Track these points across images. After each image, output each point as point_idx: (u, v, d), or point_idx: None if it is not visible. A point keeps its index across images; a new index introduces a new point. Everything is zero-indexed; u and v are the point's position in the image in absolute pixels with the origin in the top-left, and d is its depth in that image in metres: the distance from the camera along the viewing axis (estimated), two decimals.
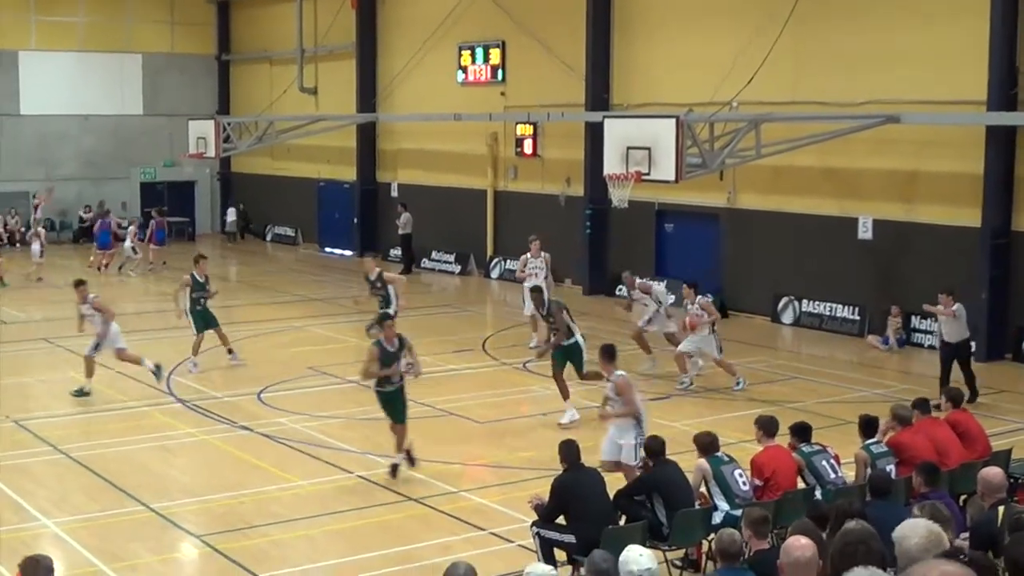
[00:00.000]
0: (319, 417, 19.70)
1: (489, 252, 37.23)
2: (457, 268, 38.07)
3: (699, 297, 22.46)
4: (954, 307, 20.53)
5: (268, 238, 47.72)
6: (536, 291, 22.63)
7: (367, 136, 42.15)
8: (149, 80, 48.53)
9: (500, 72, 36.27)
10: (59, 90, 46.73)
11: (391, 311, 22.39)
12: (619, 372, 15.21)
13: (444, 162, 38.89)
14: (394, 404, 16.53)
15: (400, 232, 38.76)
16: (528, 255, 26.17)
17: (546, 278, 25.50)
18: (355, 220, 42.71)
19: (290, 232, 46.85)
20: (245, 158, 47.01)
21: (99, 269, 37.46)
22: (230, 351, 23.74)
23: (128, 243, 38.12)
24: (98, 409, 20.62)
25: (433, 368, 23.47)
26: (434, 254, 38.94)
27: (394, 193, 41.01)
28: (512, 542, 13.79)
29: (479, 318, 31.03)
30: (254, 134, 40.12)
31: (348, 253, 42.73)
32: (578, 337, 19.93)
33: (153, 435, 18.93)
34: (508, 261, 36.34)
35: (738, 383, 21.74)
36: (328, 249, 44.16)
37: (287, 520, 14.85)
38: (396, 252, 39.89)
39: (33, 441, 18.38)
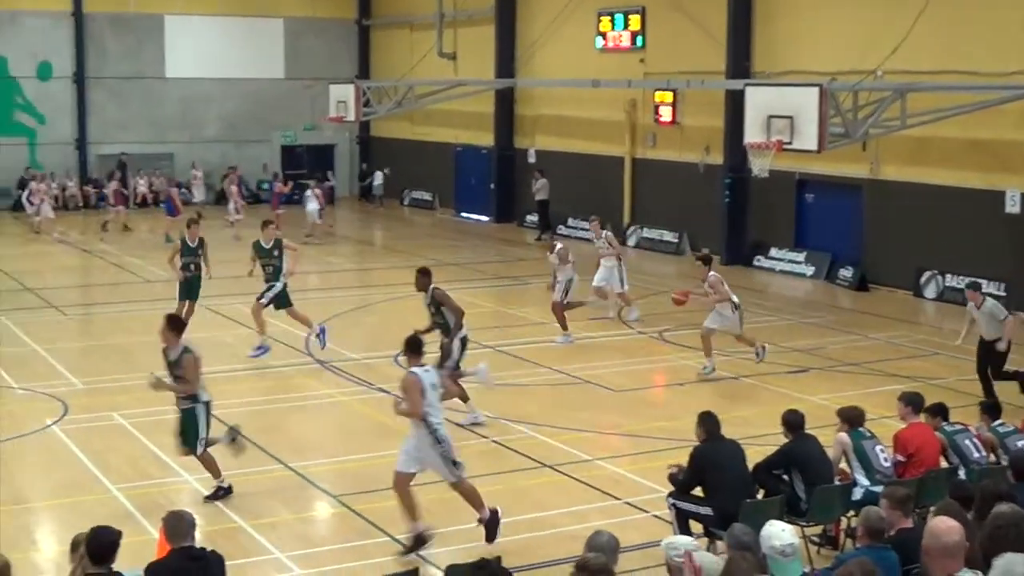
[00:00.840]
0: None
1: (626, 220, 37.03)
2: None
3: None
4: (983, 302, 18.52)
5: (405, 202, 48.03)
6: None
7: (505, 101, 42.16)
8: (290, 44, 49.11)
9: (639, 38, 35.97)
10: (203, 54, 47.53)
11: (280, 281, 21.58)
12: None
13: (581, 128, 38.73)
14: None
15: (536, 198, 38.73)
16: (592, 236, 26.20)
17: (619, 257, 25.33)
18: (492, 185, 42.80)
19: (427, 197, 47.10)
20: (384, 122, 47.36)
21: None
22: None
23: (314, 206, 37.88)
24: (239, 368, 20.95)
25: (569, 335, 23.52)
26: (571, 221, 38.83)
27: (531, 159, 40.98)
28: (647, 512, 13.73)
29: None
30: (393, 98, 40.36)
31: (484, 218, 42.84)
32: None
33: (292, 395, 19.22)
34: (645, 229, 36.14)
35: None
36: (464, 214, 44.34)
37: (422, 483, 14.88)
38: (532, 218, 39.88)
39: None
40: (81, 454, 15.95)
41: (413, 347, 13.06)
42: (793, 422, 12.62)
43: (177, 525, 9.03)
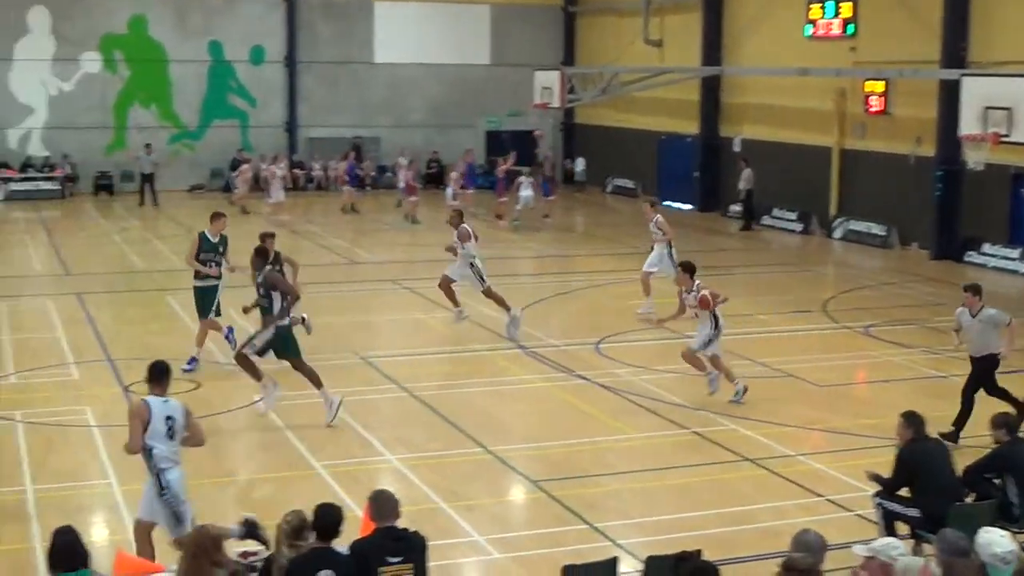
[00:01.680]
0: (655, 370, 19.64)
1: (832, 211, 36.29)
2: (799, 227, 37.27)
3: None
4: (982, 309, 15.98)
5: (608, 189, 47.92)
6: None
7: (711, 89, 41.69)
8: (496, 30, 49.43)
9: (851, 26, 35.15)
10: (410, 40, 48.16)
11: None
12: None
13: (788, 117, 38.06)
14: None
15: (741, 188, 38.23)
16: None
17: (670, 242, 24.47)
18: (695, 174, 42.40)
19: (630, 184, 46.91)
20: (588, 109, 47.32)
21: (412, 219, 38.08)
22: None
23: (529, 192, 37.93)
24: (442, 351, 21.18)
25: (771, 328, 23.16)
26: (775, 211, 38.23)
27: (736, 148, 40.47)
28: (850, 511, 13.40)
29: (819, 279, 30.29)
30: (598, 85, 40.26)
31: (687, 207, 42.47)
32: None
33: (493, 379, 19.32)
34: (852, 221, 35.36)
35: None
36: (667, 203, 44.01)
37: (622, 471, 14.89)
38: (736, 208, 39.39)
39: (380, 379, 19.03)
40: (287, 431, 16.28)
41: (153, 373, 11.26)
42: (1008, 424, 12.15)
43: (383, 505, 9.12)
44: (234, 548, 9.34)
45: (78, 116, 44.83)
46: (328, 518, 8.84)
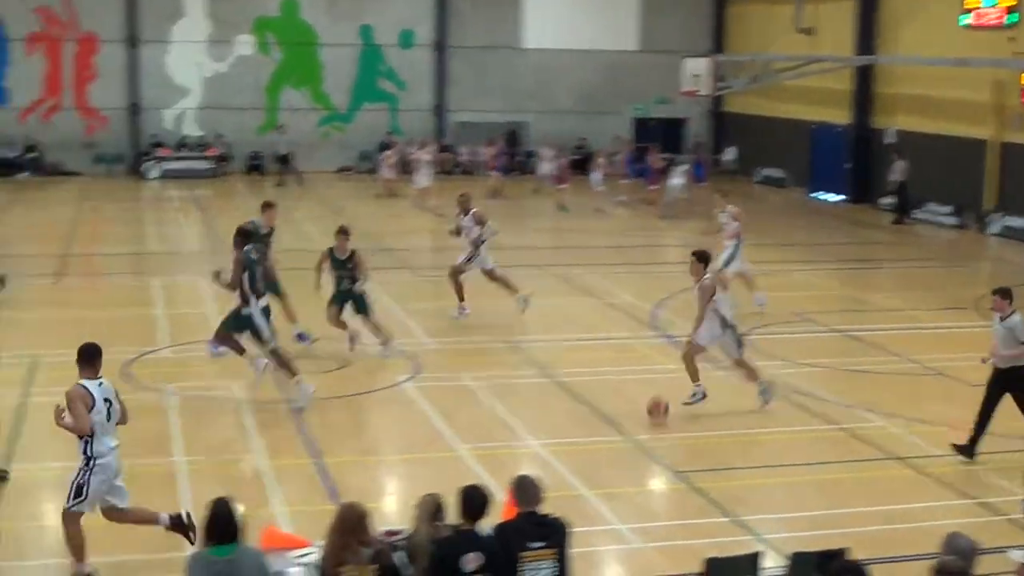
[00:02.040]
0: (802, 364, 19.34)
1: (988, 206, 35.37)
2: (953, 221, 36.38)
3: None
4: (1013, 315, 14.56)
5: (757, 179, 47.32)
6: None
7: (864, 79, 40.91)
8: (645, 16, 49.09)
9: (1012, 15, 34.18)
10: (559, 25, 48.09)
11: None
12: None
13: (943, 108, 37.14)
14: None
15: (894, 180, 37.45)
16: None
17: (739, 235, 23.65)
18: (847, 165, 41.67)
19: (779, 174, 46.28)
20: (737, 97, 46.78)
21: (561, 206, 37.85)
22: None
23: (679, 181, 37.56)
24: (586, 337, 21.12)
25: (921, 324, 22.67)
26: (928, 205, 37.39)
27: (889, 139, 39.65)
28: (1003, 515, 13.05)
29: (973, 275, 29.53)
30: (749, 73, 39.77)
31: (839, 198, 41.76)
32: None
33: (636, 367, 19.21)
34: (1009, 217, 34.42)
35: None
36: (816, 194, 43.35)
37: (767, 465, 14.71)
38: (889, 200, 38.60)
39: (524, 363, 19.06)
40: (431, 412, 16.39)
41: (84, 356, 11.22)
42: None
43: (526, 490, 9.11)
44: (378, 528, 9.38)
45: (232, 97, 45.68)
46: (475, 500, 8.85)
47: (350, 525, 8.63)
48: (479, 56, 47.78)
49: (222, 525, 8.49)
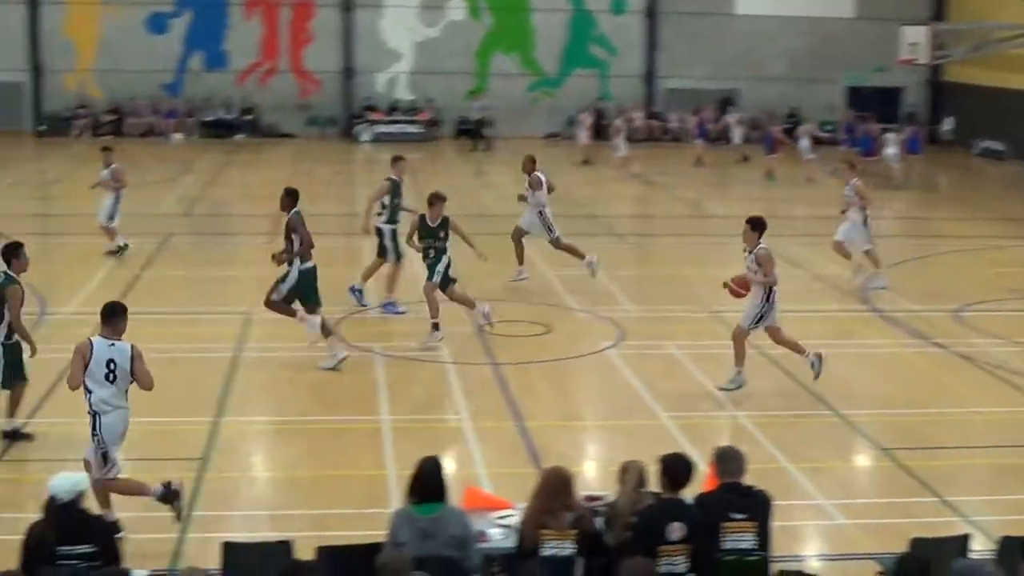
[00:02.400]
0: (1018, 343, 18.69)
1: None
2: None
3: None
4: None
5: (976, 151, 45.80)
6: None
7: None
8: None
9: None
10: None
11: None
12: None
13: None
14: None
15: None
16: None
17: (865, 208, 22.43)
18: None
19: (1000, 147, 44.71)
20: (958, 66, 45.29)
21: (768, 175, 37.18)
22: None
23: (893, 151, 36.58)
24: (792, 310, 20.71)
25: None
26: None
27: None
28: None
29: None
30: (970, 42, 38.48)
31: None
32: None
33: (843, 341, 18.83)
34: None
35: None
36: None
37: (978, 446, 14.27)
38: None
39: (726, 333, 18.80)
40: (633, 379, 16.35)
41: (103, 314, 11.29)
42: None
43: (730, 461, 9.04)
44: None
45: (443, 62, 46.18)
46: (679, 469, 8.81)
47: (554, 489, 8.66)
48: (690, 22, 47.30)
49: (429, 484, 8.62)
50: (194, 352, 17.20)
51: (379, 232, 20.08)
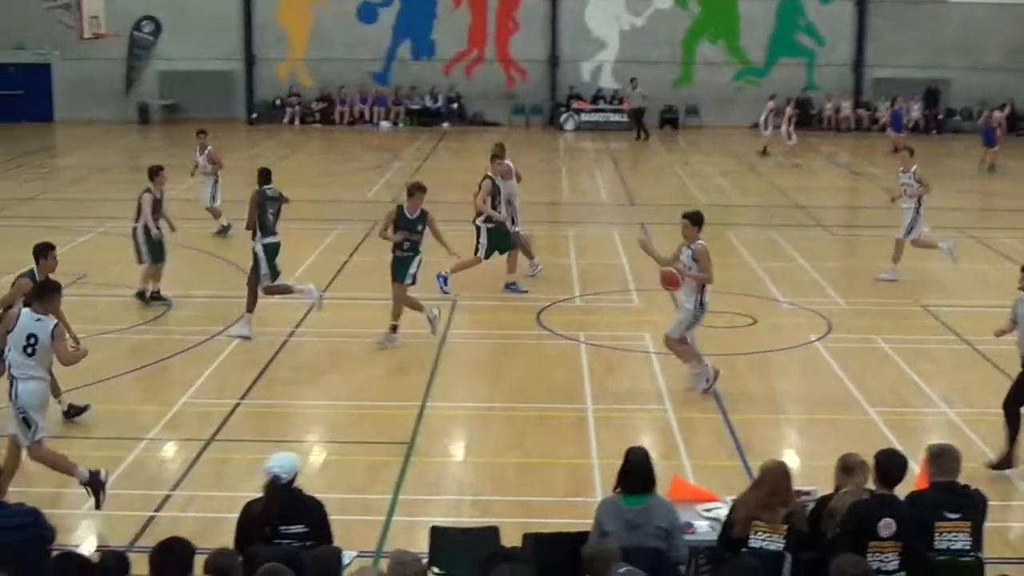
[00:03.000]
0: None
1: None
2: None
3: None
4: None
5: None
6: None
7: None
8: None
9: None
10: None
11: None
12: None
13: None
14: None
15: None
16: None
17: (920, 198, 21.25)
18: None
19: None
20: None
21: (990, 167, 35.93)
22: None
23: None
24: (1005, 305, 20.10)
25: None
26: None
27: None
28: None
29: None
30: None
31: None
32: None
33: None
34: None
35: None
36: None
37: None
38: None
39: (939, 328, 18.37)
40: (840, 373, 16.04)
41: (40, 288, 11.96)
42: None
43: (945, 459, 8.84)
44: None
45: (647, 51, 46.01)
46: (893, 465, 8.63)
47: (774, 482, 8.58)
48: (900, 10, 46.19)
49: (638, 474, 8.60)
50: (401, 337, 17.45)
51: (477, 230, 19.99)
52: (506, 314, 18.33)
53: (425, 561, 8.82)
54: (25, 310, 11.61)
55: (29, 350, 11.38)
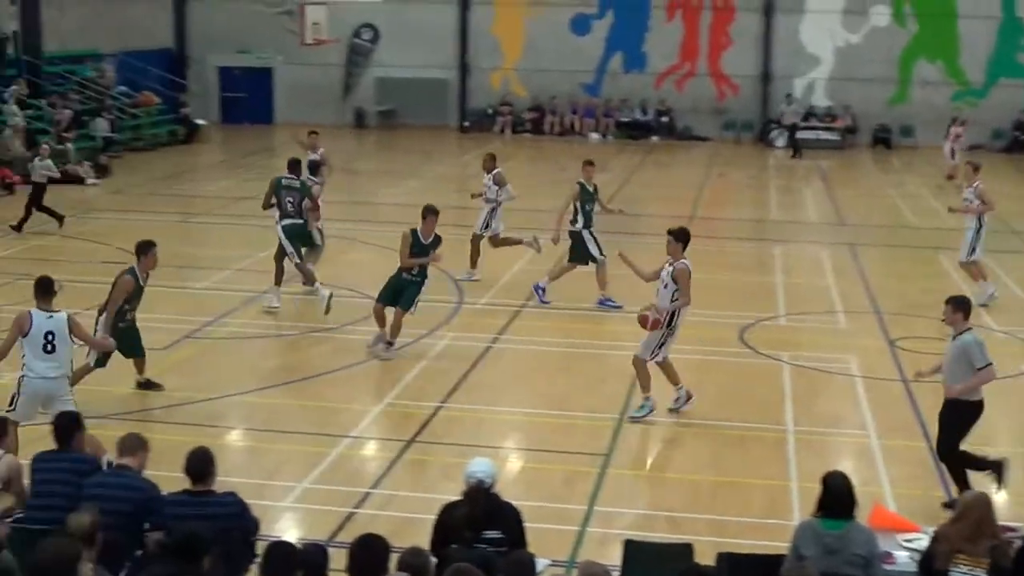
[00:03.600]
0: None
1: None
2: None
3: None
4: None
5: None
6: None
7: None
8: None
9: None
10: None
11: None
12: None
13: None
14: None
15: None
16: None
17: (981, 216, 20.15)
18: None
19: None
20: None
21: None
22: None
23: None
24: None
25: None
26: None
27: None
28: None
29: None
30: None
31: None
32: None
33: None
34: None
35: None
36: None
37: None
38: None
39: None
40: None
41: (36, 288, 12.18)
42: None
43: None
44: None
45: (862, 68, 45.11)
46: None
47: (979, 515, 8.36)
48: None
49: (839, 499, 8.46)
50: (599, 349, 17.52)
51: (576, 237, 20.06)
52: (708, 330, 18.20)
53: (616, 574, 8.83)
54: (34, 310, 11.98)
55: (48, 347, 11.80)
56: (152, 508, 8.83)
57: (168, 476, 9.45)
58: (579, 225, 20.02)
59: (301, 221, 19.21)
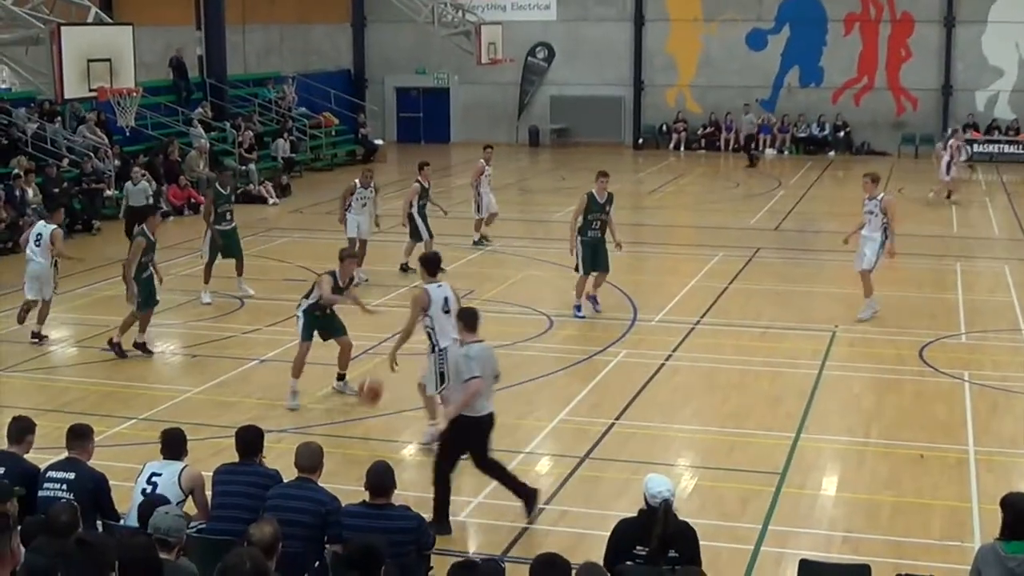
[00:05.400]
0: None
1: None
2: None
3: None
4: None
5: None
6: None
7: None
8: None
9: None
10: None
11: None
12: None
13: None
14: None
15: None
16: None
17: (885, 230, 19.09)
18: None
19: None
20: None
21: None
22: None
23: None
24: None
25: None
26: None
27: None
28: None
29: None
30: None
31: None
32: None
33: None
34: None
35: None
36: None
37: None
38: None
39: None
40: None
41: (424, 263, 13.82)
42: None
43: None
44: None
45: None
46: None
47: None
48: None
49: (1020, 520, 8.22)
50: (778, 367, 17.35)
51: (583, 246, 19.99)
52: (886, 348, 17.90)
53: None
54: (428, 284, 13.46)
55: (446, 309, 13.24)
56: (332, 520, 9.03)
57: (345, 489, 9.64)
58: (588, 235, 20.02)
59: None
